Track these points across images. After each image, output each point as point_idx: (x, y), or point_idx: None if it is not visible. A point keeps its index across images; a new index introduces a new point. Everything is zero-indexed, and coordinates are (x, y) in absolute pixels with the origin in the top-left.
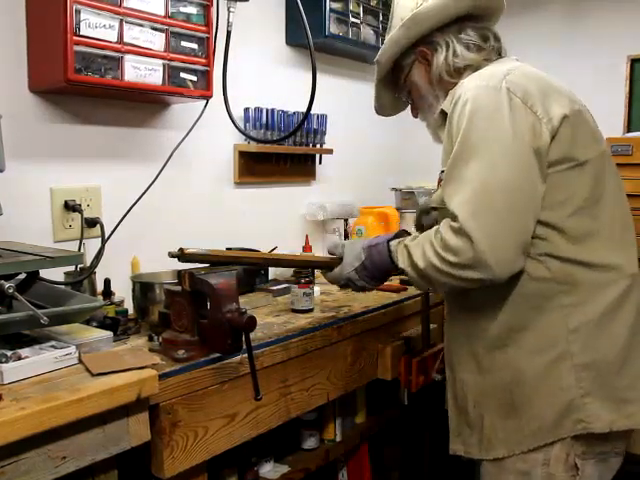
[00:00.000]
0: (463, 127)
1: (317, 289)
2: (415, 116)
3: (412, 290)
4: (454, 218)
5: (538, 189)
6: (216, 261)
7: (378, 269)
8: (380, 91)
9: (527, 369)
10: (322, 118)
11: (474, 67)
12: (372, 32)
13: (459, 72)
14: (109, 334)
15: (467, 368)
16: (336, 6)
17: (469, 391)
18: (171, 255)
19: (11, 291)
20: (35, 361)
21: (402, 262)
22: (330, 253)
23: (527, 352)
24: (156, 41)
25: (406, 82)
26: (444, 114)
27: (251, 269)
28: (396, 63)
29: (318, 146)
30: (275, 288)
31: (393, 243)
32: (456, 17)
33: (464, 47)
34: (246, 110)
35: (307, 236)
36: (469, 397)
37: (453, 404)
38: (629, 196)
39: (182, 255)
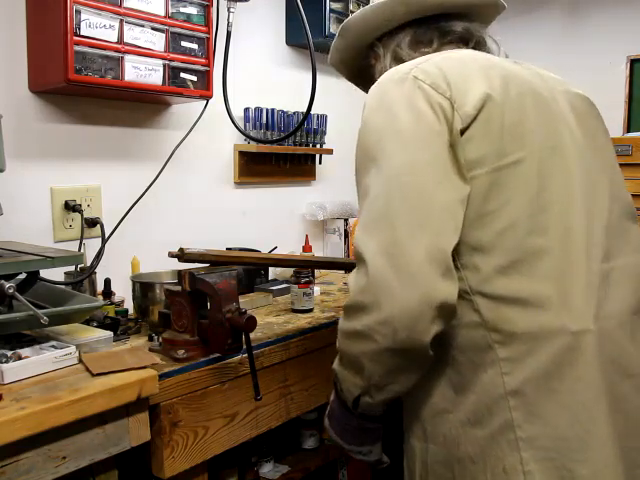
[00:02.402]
0: (359, 129)
1: (317, 289)
2: None
3: None
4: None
5: (455, 189)
6: (216, 261)
7: (338, 417)
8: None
9: (466, 443)
10: (322, 118)
11: None
12: None
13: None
14: (109, 334)
15: (414, 434)
16: (336, 6)
17: (416, 461)
18: (171, 255)
19: (11, 291)
20: (35, 361)
21: (336, 381)
22: None
23: (465, 421)
24: (156, 41)
25: (362, 79)
26: None
27: (251, 269)
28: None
29: (318, 146)
30: (275, 288)
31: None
32: (403, 22)
33: (408, 49)
34: (246, 110)
35: (307, 236)
36: (416, 469)
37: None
38: None
39: (182, 255)
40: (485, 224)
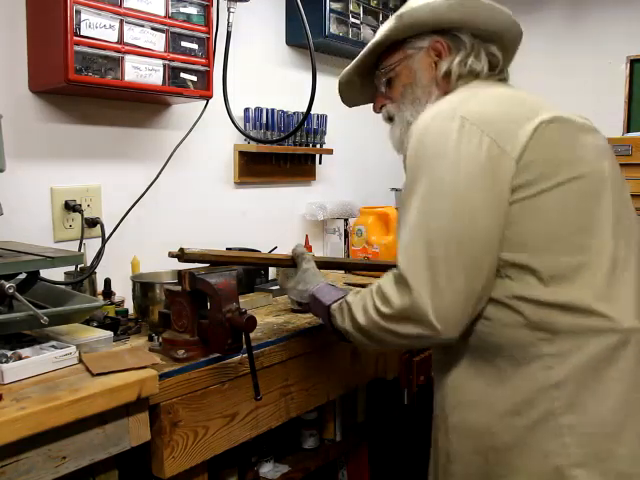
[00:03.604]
0: (408, 163)
1: None
2: (378, 110)
3: None
4: (397, 263)
5: (493, 228)
6: (216, 261)
7: (321, 319)
8: (352, 74)
9: (502, 432)
10: (322, 118)
11: (473, 78)
12: (372, 32)
13: (463, 78)
14: (109, 334)
15: (440, 426)
16: (336, 6)
17: (439, 452)
18: (171, 255)
19: (11, 291)
20: (35, 361)
21: (340, 321)
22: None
23: (503, 412)
24: (156, 41)
25: (395, 67)
26: None
27: (251, 269)
28: (395, 42)
29: (318, 146)
30: (275, 288)
31: (334, 306)
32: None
33: (486, 55)
34: (246, 110)
35: (307, 236)
36: (439, 458)
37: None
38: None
39: (182, 255)
40: (523, 245)
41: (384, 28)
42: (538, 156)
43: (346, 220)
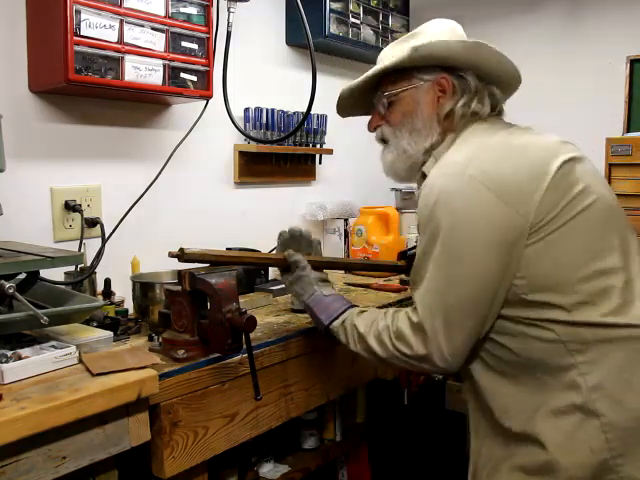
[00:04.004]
0: (423, 222)
1: None
2: (373, 130)
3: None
4: (414, 310)
5: (504, 286)
6: (216, 261)
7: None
8: (358, 87)
9: (546, 432)
10: (322, 118)
11: (475, 119)
12: (372, 32)
13: (465, 119)
14: (109, 334)
15: (482, 433)
16: (336, 6)
17: (481, 458)
18: (171, 255)
19: (11, 291)
20: (35, 361)
21: (345, 341)
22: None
23: (546, 414)
24: (156, 41)
25: (398, 93)
26: (424, 176)
27: (251, 269)
28: (404, 68)
29: (318, 146)
30: (275, 288)
31: (336, 325)
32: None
33: (488, 97)
34: (246, 110)
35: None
36: (483, 465)
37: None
38: (629, 196)
39: (182, 255)
40: (546, 284)
41: (396, 56)
42: (552, 206)
43: (346, 220)
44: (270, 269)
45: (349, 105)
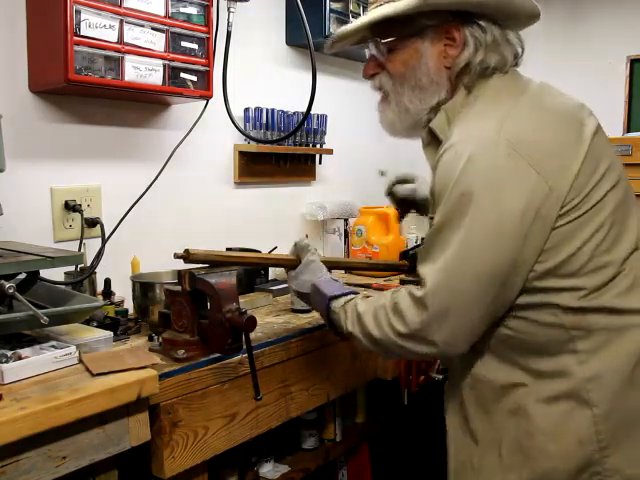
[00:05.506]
0: (447, 192)
1: None
2: (368, 76)
3: None
4: (419, 284)
5: (525, 271)
6: (220, 262)
7: (318, 311)
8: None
9: (537, 417)
10: (322, 118)
11: (491, 75)
12: None
13: (482, 75)
14: (109, 334)
15: (471, 412)
16: (336, 6)
17: (478, 434)
18: (177, 256)
19: (11, 291)
20: (35, 361)
21: (344, 321)
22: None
23: (540, 399)
24: (156, 41)
25: (402, 40)
26: (431, 133)
27: (251, 269)
28: (408, 16)
29: (318, 146)
30: (275, 288)
31: (336, 305)
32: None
33: (509, 47)
34: (246, 110)
35: (307, 236)
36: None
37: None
38: None
39: (188, 256)
40: (574, 269)
41: (402, 4)
42: (586, 180)
43: (346, 220)
44: (270, 269)
45: (338, 45)
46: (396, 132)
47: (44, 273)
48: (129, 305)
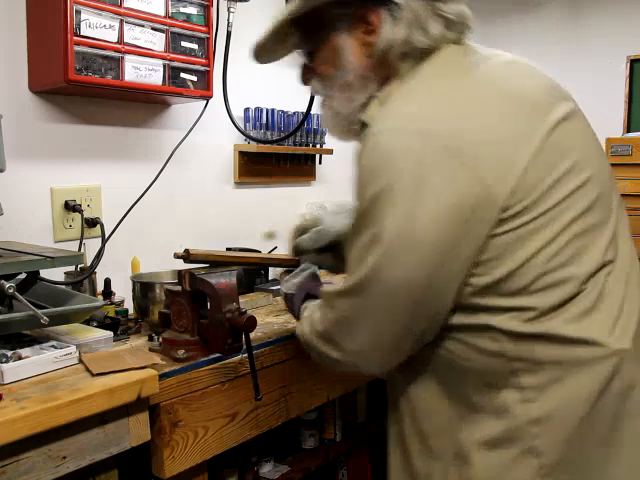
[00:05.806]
0: (368, 189)
1: None
2: (305, 83)
3: None
4: (331, 307)
5: (453, 285)
6: (220, 262)
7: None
8: (277, 34)
9: (479, 465)
10: None
11: (425, 56)
12: None
13: (413, 56)
14: (109, 334)
15: (414, 449)
16: None
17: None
18: (177, 256)
19: (11, 291)
20: (35, 361)
21: (299, 330)
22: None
23: (482, 443)
24: (156, 41)
25: (319, 42)
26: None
27: (251, 269)
28: (317, 10)
29: (318, 146)
30: (275, 288)
31: (302, 307)
32: None
33: (440, 19)
34: (246, 110)
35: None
36: None
37: None
38: (629, 196)
39: (188, 256)
40: (522, 285)
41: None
42: (539, 176)
43: None
44: (270, 269)
45: (267, 55)
46: (337, 135)
47: (44, 273)
48: (129, 305)
